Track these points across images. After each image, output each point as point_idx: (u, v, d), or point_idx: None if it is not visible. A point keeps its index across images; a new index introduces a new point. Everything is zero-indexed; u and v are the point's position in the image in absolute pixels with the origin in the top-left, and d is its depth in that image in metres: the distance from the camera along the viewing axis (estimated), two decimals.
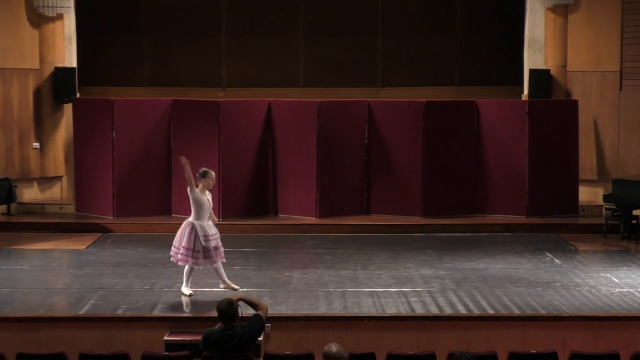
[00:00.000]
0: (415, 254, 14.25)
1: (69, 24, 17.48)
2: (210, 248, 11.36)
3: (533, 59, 17.67)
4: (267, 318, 8.85)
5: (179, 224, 15.58)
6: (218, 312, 8.50)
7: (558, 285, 12.24)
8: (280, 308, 11.04)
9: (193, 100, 16.83)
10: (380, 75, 18.69)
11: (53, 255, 14.30)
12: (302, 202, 16.46)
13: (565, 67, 17.53)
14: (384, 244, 14.99)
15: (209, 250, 11.36)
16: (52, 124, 17.49)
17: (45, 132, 17.43)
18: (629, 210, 15.41)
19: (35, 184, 17.41)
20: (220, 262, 11.56)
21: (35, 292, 11.92)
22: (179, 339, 10.19)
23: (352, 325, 10.60)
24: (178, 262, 11.57)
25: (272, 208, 16.78)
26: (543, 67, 17.57)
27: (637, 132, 17.02)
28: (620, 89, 17.15)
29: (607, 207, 15.89)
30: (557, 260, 13.85)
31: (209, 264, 11.55)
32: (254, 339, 8.62)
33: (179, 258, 11.47)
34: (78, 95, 17.49)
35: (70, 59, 17.55)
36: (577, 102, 16.95)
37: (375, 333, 10.54)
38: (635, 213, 15.46)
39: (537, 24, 17.63)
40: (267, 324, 9.70)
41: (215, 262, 11.49)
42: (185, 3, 18.66)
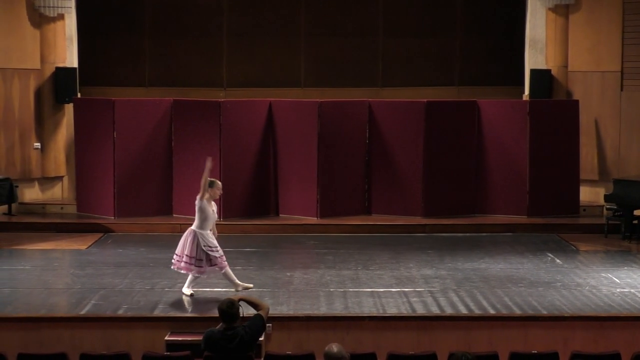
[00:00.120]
0: (417, 254, 14.25)
1: (70, 24, 17.48)
2: (214, 257, 11.33)
3: (534, 59, 17.67)
4: (268, 318, 8.84)
5: (180, 224, 15.74)
6: (219, 312, 8.50)
7: (559, 286, 12.24)
8: (282, 308, 11.03)
9: (194, 101, 16.82)
10: (381, 75, 18.68)
11: (54, 256, 14.29)
12: (303, 202, 16.46)
13: (566, 67, 17.53)
14: (385, 244, 14.98)
15: (212, 259, 11.33)
16: (53, 124, 17.49)
17: (46, 132, 17.43)
18: (630, 211, 15.40)
19: (36, 184, 17.41)
20: (228, 267, 11.52)
21: (37, 292, 11.92)
22: (180, 339, 10.19)
23: (353, 326, 10.60)
24: (180, 270, 11.50)
25: (273, 208, 16.77)
26: (544, 67, 17.57)
27: (638, 132, 17.01)
28: (621, 89, 17.15)
29: (608, 207, 15.88)
30: (558, 260, 13.85)
31: (214, 272, 11.53)
32: (255, 339, 8.61)
33: (182, 266, 11.43)
34: (79, 96, 17.50)
35: (71, 59, 17.56)
36: (578, 102, 16.95)
37: (376, 333, 10.54)
38: (636, 213, 15.44)
39: (538, 24, 17.63)
40: (268, 324, 9.69)
41: (223, 268, 11.45)
42: (186, 3, 18.65)
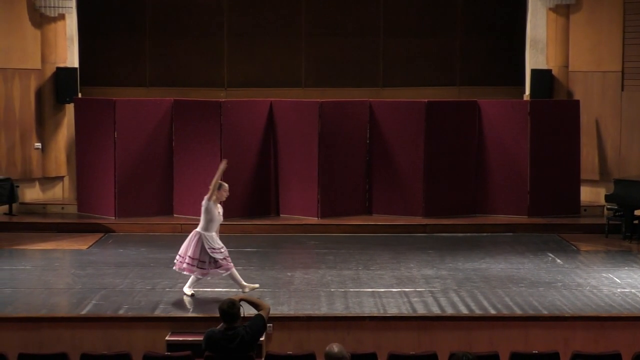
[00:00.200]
0: (417, 254, 14.25)
1: (71, 24, 17.49)
2: (218, 259, 11.29)
3: (535, 59, 17.67)
4: (268, 318, 8.83)
5: (181, 224, 15.75)
6: (220, 312, 8.49)
7: (560, 286, 12.23)
8: (282, 308, 11.03)
9: (195, 101, 16.82)
10: (382, 75, 18.68)
11: (55, 256, 14.29)
12: (303, 202, 16.46)
13: (567, 67, 17.53)
14: (386, 244, 14.99)
15: (217, 261, 11.30)
16: (53, 124, 17.50)
17: (47, 132, 17.44)
18: (631, 211, 15.39)
19: (37, 184, 17.41)
20: (234, 269, 11.47)
21: (37, 292, 11.92)
22: (181, 339, 10.19)
23: (353, 326, 10.60)
24: (183, 271, 11.46)
25: (273, 208, 16.77)
26: (545, 67, 17.57)
27: (638, 132, 17.01)
28: (622, 89, 17.14)
29: (608, 207, 15.87)
30: (558, 261, 13.85)
31: (217, 274, 11.49)
32: (256, 339, 8.61)
33: (184, 267, 11.39)
34: (80, 96, 17.51)
35: (72, 59, 17.57)
36: (578, 102, 16.94)
37: (377, 333, 10.53)
38: (637, 213, 15.44)
39: (538, 24, 17.63)
40: (268, 324, 9.69)
41: (228, 270, 11.40)
42: (187, 3, 18.65)
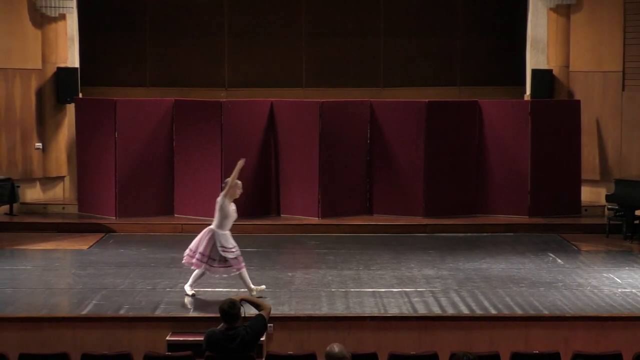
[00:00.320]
0: (418, 254, 14.25)
1: (72, 24, 17.49)
2: (228, 259, 11.23)
3: (535, 59, 17.67)
4: (269, 318, 8.83)
5: (182, 224, 15.77)
6: (220, 312, 8.48)
7: (560, 286, 12.23)
8: (283, 308, 11.03)
9: (195, 101, 16.82)
10: (382, 76, 18.67)
11: (55, 256, 14.30)
12: (304, 202, 16.46)
13: (568, 67, 17.53)
14: (387, 244, 14.98)
15: (226, 260, 11.26)
16: (54, 124, 17.50)
17: (48, 132, 17.44)
18: (632, 211, 15.39)
19: (38, 184, 17.42)
20: (244, 269, 11.40)
21: (38, 292, 11.92)
22: (182, 339, 10.19)
23: (354, 326, 10.60)
24: (192, 266, 11.41)
25: (274, 208, 16.77)
26: (545, 67, 17.57)
27: (639, 132, 17.00)
28: (623, 89, 17.14)
29: (609, 207, 15.87)
30: (559, 261, 13.85)
31: (227, 273, 11.43)
32: (257, 339, 8.60)
33: (193, 262, 11.33)
34: (80, 96, 17.51)
35: (73, 59, 17.58)
36: (579, 102, 16.94)
37: (378, 333, 10.53)
38: (638, 213, 15.43)
39: (539, 24, 17.63)
40: (269, 324, 9.68)
41: (239, 269, 11.33)
42: (187, 3, 18.65)
